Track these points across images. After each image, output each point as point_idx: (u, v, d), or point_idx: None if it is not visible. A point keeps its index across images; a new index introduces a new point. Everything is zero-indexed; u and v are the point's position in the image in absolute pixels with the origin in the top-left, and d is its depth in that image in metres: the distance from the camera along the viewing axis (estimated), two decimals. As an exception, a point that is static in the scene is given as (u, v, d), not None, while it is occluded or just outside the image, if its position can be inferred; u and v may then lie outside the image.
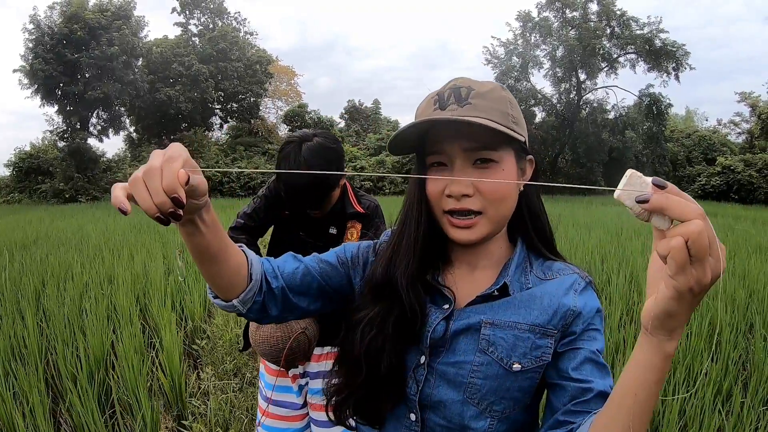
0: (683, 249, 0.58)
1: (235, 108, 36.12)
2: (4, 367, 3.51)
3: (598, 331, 0.94)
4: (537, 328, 0.92)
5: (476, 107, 0.89)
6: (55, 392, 3.53)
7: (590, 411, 0.83)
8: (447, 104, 0.91)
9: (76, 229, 11.91)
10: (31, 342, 3.88)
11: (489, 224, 0.94)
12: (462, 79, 0.97)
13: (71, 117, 29.75)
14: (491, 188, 0.91)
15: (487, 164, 0.92)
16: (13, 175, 31.37)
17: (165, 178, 0.69)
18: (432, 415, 0.98)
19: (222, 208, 16.83)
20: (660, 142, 32.74)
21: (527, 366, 0.91)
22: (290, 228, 2.08)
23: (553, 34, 33.38)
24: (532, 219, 1.04)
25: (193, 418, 3.35)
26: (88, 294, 5.22)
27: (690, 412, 2.99)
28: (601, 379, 0.87)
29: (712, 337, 4.16)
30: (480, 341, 0.93)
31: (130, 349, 3.62)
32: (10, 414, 2.98)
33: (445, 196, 0.93)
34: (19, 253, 7.94)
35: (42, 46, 27.87)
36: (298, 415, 2.10)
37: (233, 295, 0.95)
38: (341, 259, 1.11)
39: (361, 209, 2.02)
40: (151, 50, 31.97)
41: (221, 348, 4.35)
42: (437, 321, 0.97)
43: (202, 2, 37.12)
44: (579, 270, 1.02)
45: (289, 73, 44.62)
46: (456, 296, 1.00)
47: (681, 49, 30.81)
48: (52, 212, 18.55)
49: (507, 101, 0.94)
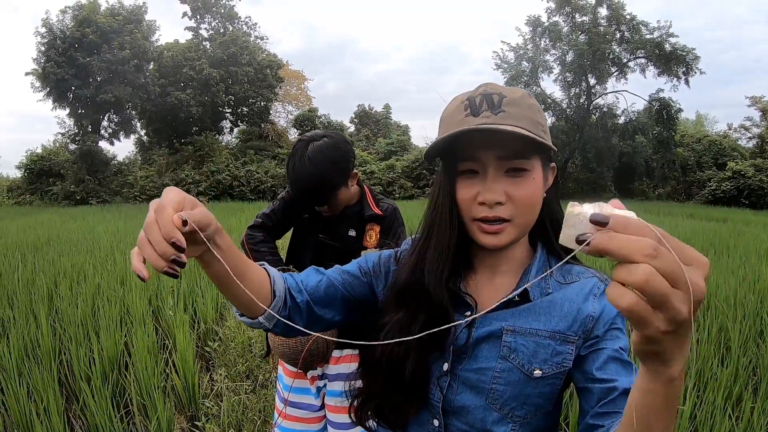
0: (637, 303, 0.51)
1: (246, 112, 36.19)
2: (18, 366, 3.55)
3: (620, 330, 0.94)
4: (557, 334, 0.93)
5: (510, 115, 0.90)
6: (69, 392, 3.56)
7: (618, 411, 0.82)
8: (480, 111, 0.92)
9: (87, 231, 11.99)
10: (45, 342, 3.92)
11: (516, 230, 0.95)
12: (491, 84, 0.97)
13: (83, 120, 29.97)
14: (523, 196, 0.92)
15: (519, 173, 0.93)
16: (25, 176, 31.66)
17: (162, 228, 0.71)
18: (455, 421, 0.99)
19: (233, 212, 16.93)
20: (670, 147, 32.59)
21: (548, 372, 0.92)
22: (310, 231, 2.11)
23: (562, 39, 33.33)
24: (553, 224, 1.04)
25: (206, 419, 3.38)
26: (101, 295, 5.27)
27: (700, 416, 3.00)
28: (626, 376, 0.86)
29: (722, 342, 4.15)
30: (501, 348, 0.95)
31: (143, 350, 3.66)
32: (25, 412, 3.03)
33: (477, 203, 0.94)
34: (31, 254, 8.01)
35: (54, 49, 28.13)
36: (316, 417, 2.11)
37: (259, 313, 0.96)
38: (363, 270, 1.13)
39: (379, 211, 2.05)
40: (162, 54, 32.13)
41: (233, 350, 4.37)
42: (460, 329, 0.99)
43: (212, 7, 37.27)
44: (599, 273, 1.02)
45: (299, 78, 44.72)
46: (480, 301, 1.01)
47: (691, 54, 30.67)
48: (63, 214, 18.68)
49: (536, 109, 0.95)
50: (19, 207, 27.84)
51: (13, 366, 3.48)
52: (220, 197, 29.49)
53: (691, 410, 3.02)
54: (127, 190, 29.75)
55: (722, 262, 7.35)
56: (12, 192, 31.95)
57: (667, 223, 14.20)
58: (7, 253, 8.43)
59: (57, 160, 31.03)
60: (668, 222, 14.93)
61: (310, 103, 43.96)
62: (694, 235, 10.96)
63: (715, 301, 5.00)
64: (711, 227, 13.05)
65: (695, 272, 0.51)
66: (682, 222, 15.11)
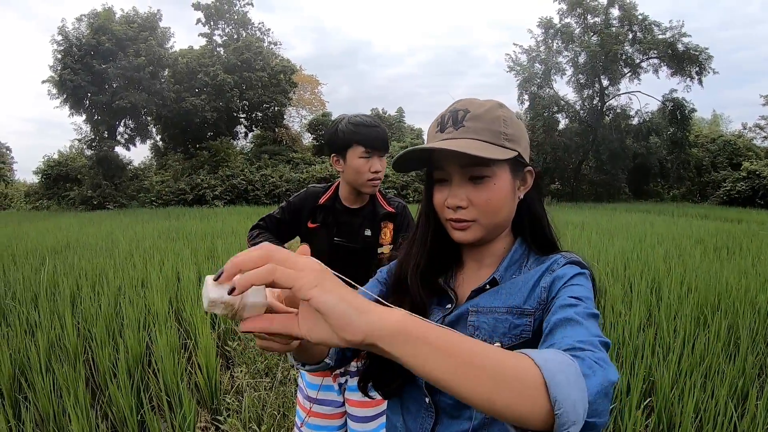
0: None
1: (260, 117, 36.42)
2: (45, 364, 3.69)
3: (579, 285, 0.98)
4: (514, 309, 1.02)
5: (468, 129, 1.02)
6: (94, 388, 3.70)
7: (554, 342, 0.84)
8: (446, 127, 1.05)
9: (105, 235, 12.18)
10: (71, 341, 4.06)
11: (482, 229, 1.07)
12: (463, 101, 1.09)
13: (99, 126, 30.36)
14: (483, 200, 1.04)
15: (480, 180, 1.04)
16: (42, 182, 32.18)
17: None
18: (441, 397, 1.09)
19: (248, 216, 17.08)
20: (684, 147, 32.42)
21: (507, 343, 1.01)
22: (324, 236, 2.17)
23: (575, 41, 33.30)
24: (532, 222, 1.14)
25: (227, 414, 3.50)
26: (123, 296, 5.42)
27: (705, 415, 3.07)
28: (561, 314, 0.89)
29: (732, 341, 4.20)
30: (467, 327, 1.05)
31: (167, 348, 3.79)
32: (54, 407, 3.18)
33: (446, 206, 1.07)
34: (51, 258, 8.18)
35: (70, 57, 28.53)
36: (338, 413, 2.18)
37: (323, 357, 1.05)
38: (379, 283, 1.27)
39: (391, 209, 2.14)
40: (176, 61, 32.43)
41: (252, 349, 4.49)
42: (437, 319, 1.11)
43: (226, 13, 37.61)
44: (567, 253, 1.10)
45: (313, 82, 44.95)
46: (460, 294, 1.14)
47: (704, 53, 30.55)
48: (81, 218, 18.98)
49: (501, 120, 1.05)
50: (36, 211, 28.32)
51: (41, 364, 3.63)
52: (236, 201, 29.76)
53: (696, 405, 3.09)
54: (143, 194, 30.09)
55: (734, 262, 7.36)
56: (29, 197, 32.52)
57: (681, 224, 14.17)
58: (28, 256, 8.64)
59: (73, 165, 31.52)
60: (682, 223, 14.88)
61: (324, 108, 44.23)
62: (708, 235, 10.95)
63: (726, 300, 5.05)
64: (725, 228, 13.01)
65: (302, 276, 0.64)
66: (695, 223, 15.04)
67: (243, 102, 34.39)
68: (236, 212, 20.22)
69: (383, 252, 2.08)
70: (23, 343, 4.10)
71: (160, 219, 17.70)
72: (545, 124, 33.58)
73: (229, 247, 9.49)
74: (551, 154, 33.52)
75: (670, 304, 5.00)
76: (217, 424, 3.42)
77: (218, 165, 32.18)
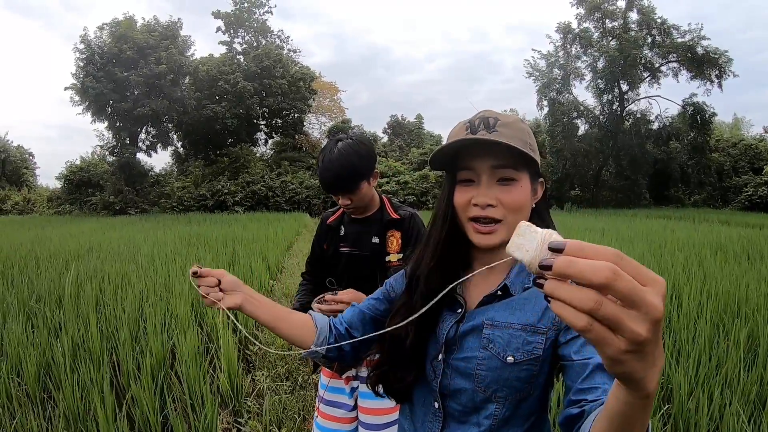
0: (590, 324, 0.53)
1: (280, 124, 36.58)
2: (71, 365, 3.78)
3: None
4: (528, 327, 1.08)
5: (502, 134, 1.08)
6: (118, 390, 3.78)
7: (597, 386, 0.90)
8: (478, 130, 1.10)
9: (127, 240, 12.36)
10: (95, 344, 4.15)
11: (506, 231, 1.12)
12: (489, 111, 1.16)
13: (121, 132, 30.73)
14: (512, 200, 1.11)
15: (509, 182, 1.11)
16: (64, 187, 32.70)
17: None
18: (451, 403, 1.17)
19: (268, 222, 17.24)
20: (705, 152, 32.06)
21: (519, 359, 1.07)
22: (336, 248, 2.27)
23: (593, 45, 33.08)
24: None
25: (248, 416, 3.57)
26: (146, 300, 5.51)
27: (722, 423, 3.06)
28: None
29: (752, 349, 4.17)
30: (482, 339, 1.12)
31: (192, 351, 3.87)
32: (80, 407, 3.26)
33: (471, 205, 1.13)
34: (74, 262, 8.31)
35: (92, 65, 28.95)
36: (349, 417, 2.21)
37: (310, 343, 1.30)
38: (385, 292, 1.38)
39: (397, 216, 2.18)
40: (197, 68, 32.72)
41: (273, 354, 4.55)
42: (450, 325, 1.18)
43: (246, 21, 37.96)
44: None
45: (332, 89, 45.09)
46: (470, 298, 1.20)
47: (724, 56, 30.19)
48: (104, 224, 19.25)
49: (526, 131, 1.13)
50: (59, 216, 28.73)
51: (67, 365, 3.71)
52: (256, 207, 29.97)
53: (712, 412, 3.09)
54: (164, 200, 30.48)
55: (755, 270, 7.29)
56: (52, 201, 33.07)
57: (702, 230, 14.03)
58: (52, 260, 8.79)
59: (96, 171, 32.01)
60: (702, 229, 14.74)
61: (344, 114, 44.33)
62: (729, 242, 10.83)
63: (745, 308, 5.02)
64: (746, 233, 12.86)
65: (651, 293, 0.52)
66: (716, 229, 14.89)
67: (263, 109, 34.60)
68: (256, 219, 20.39)
69: (390, 260, 2.14)
70: (48, 344, 4.20)
71: (182, 224, 17.93)
72: (564, 129, 33.38)
73: (250, 253, 9.59)
74: (571, 160, 33.32)
75: (689, 311, 4.97)
76: (239, 426, 3.48)
77: (238, 171, 32.44)
